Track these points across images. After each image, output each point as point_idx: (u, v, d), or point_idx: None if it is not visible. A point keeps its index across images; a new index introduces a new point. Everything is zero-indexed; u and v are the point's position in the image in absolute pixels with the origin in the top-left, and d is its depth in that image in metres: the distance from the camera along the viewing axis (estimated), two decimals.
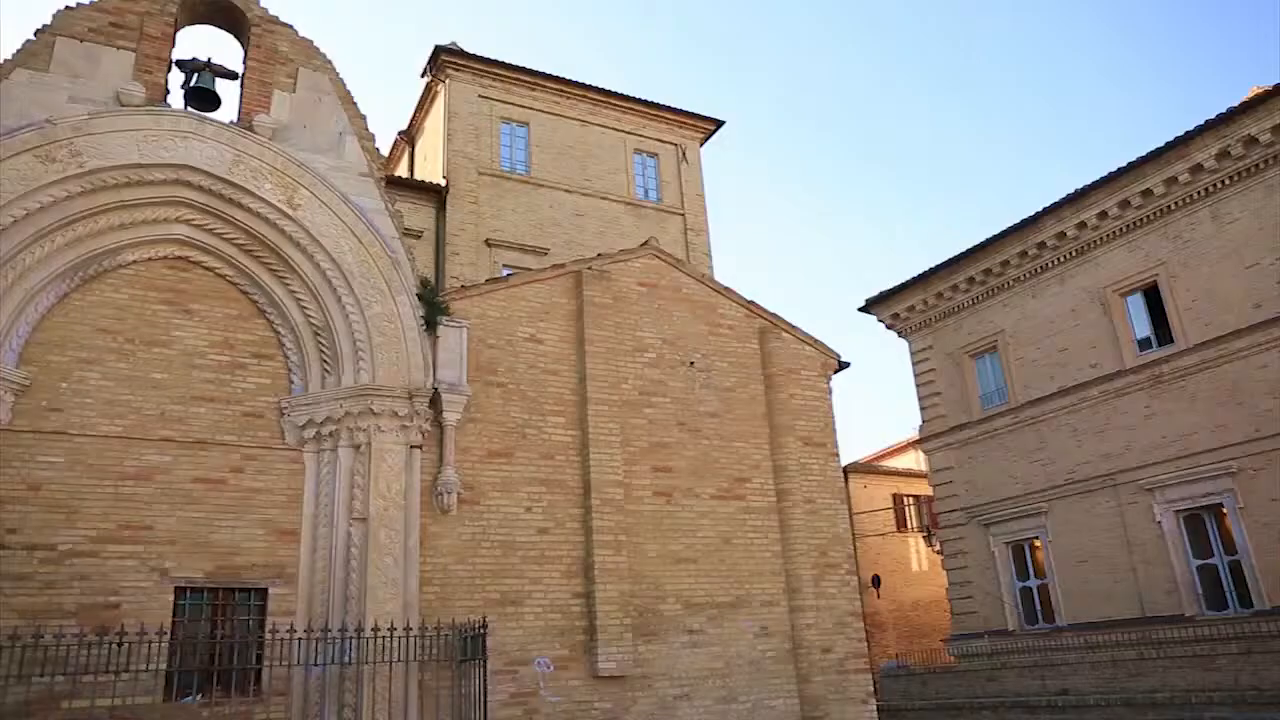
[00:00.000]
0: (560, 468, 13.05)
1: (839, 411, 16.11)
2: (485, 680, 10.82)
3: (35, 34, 11.66)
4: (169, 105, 12.23)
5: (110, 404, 11.24)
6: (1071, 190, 21.00)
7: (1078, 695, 18.70)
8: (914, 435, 28.86)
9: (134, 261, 11.91)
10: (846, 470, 25.13)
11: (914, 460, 34.72)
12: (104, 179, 11.33)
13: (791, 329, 15.77)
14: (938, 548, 27.04)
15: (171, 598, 10.84)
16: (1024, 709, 19.50)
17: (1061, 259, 21.82)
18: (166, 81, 12.36)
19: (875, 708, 14.18)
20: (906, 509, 33.69)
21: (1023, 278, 22.75)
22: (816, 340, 15.94)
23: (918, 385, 25.51)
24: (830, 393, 15.86)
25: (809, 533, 14.48)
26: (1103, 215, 20.68)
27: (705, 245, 24.71)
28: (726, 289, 15.62)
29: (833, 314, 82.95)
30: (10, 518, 10.35)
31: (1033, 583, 22.06)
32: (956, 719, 20.76)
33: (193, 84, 12.67)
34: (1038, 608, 21.81)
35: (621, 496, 13.13)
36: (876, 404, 79.75)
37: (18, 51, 11.47)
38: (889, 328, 26.40)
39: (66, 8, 11.95)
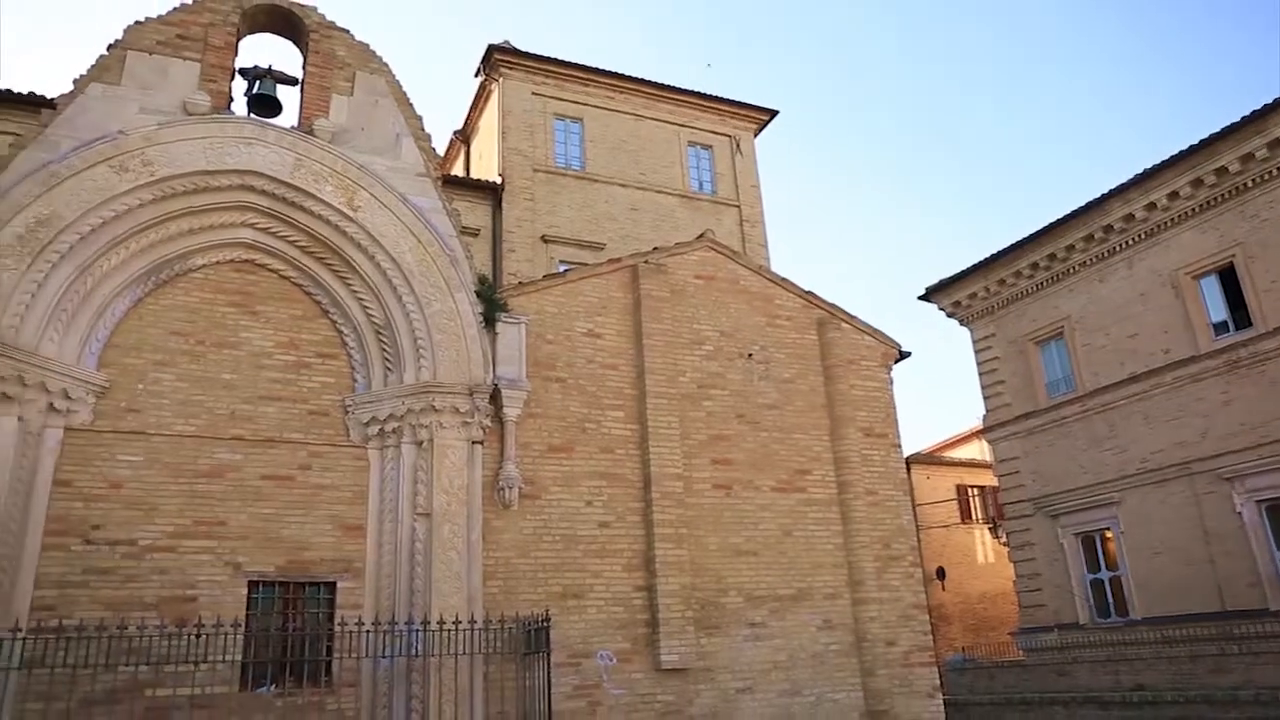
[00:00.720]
0: (620, 461, 13.09)
1: (900, 402, 15.86)
2: (549, 673, 10.91)
3: (108, 49, 12.05)
4: (233, 112, 12.54)
5: (184, 404, 11.60)
6: (1140, 170, 20.37)
7: (1154, 691, 18.15)
8: (977, 425, 28.34)
9: (203, 265, 12.26)
10: (909, 461, 24.70)
11: (978, 450, 34.08)
12: (173, 186, 11.68)
13: (850, 319, 15.58)
14: (1004, 539, 26.51)
15: (245, 591, 11.15)
16: (1097, 705, 19.00)
17: (1130, 242, 21.18)
18: (230, 89, 12.68)
19: (941, 702, 13.96)
20: (971, 500, 33.11)
21: (1089, 262, 22.14)
22: (876, 330, 15.72)
23: (980, 374, 25.02)
24: (891, 383, 15.63)
25: (871, 525, 14.30)
26: (1173, 195, 20.01)
27: (761, 236, 24.55)
28: (784, 280, 15.49)
29: (892, 303, 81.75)
30: (94, 514, 10.76)
31: (1104, 575, 21.51)
32: (1026, 715, 20.32)
33: (255, 91, 12.98)
34: (1110, 600, 21.26)
35: (681, 489, 13.13)
36: (938, 394, 78.42)
37: (92, 66, 11.87)
38: (950, 316, 25.93)
39: (136, 22, 12.33)
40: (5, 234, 10.59)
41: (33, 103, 17.25)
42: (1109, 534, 21.41)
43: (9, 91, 18.19)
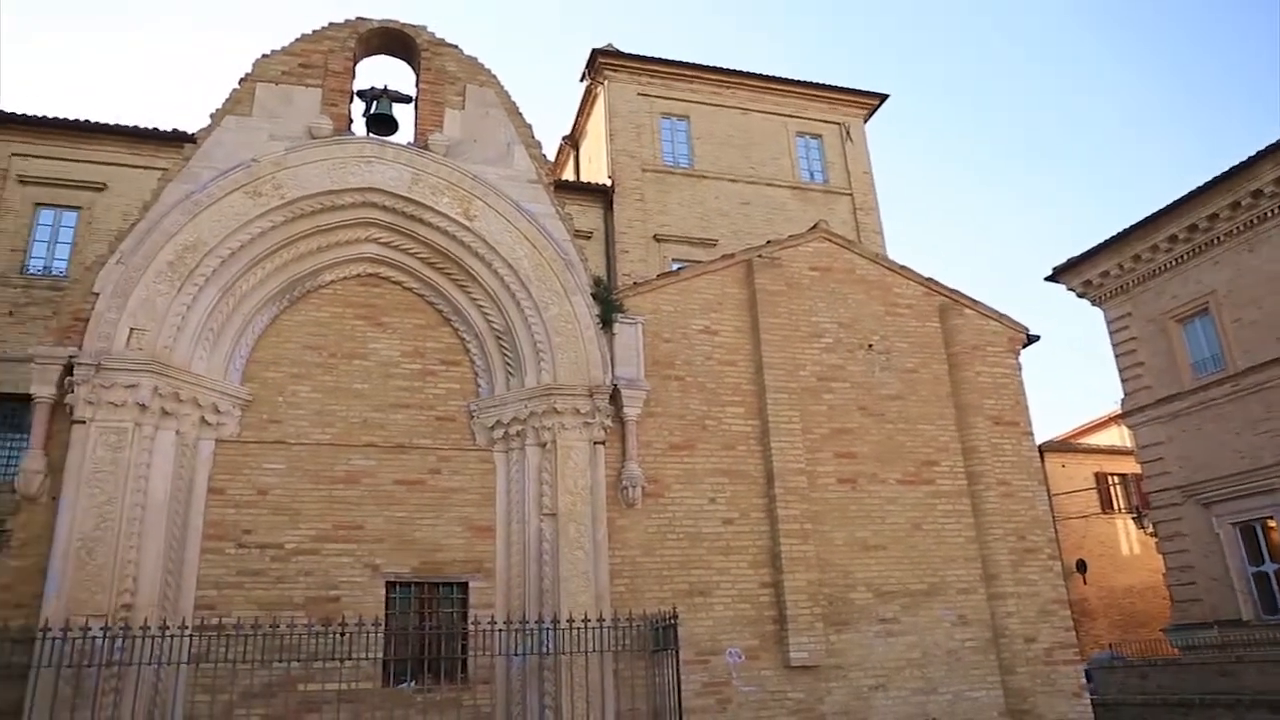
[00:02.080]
0: (742, 458, 13.01)
1: (1030, 388, 15.18)
2: (678, 670, 10.94)
3: (239, 82, 12.78)
4: (353, 133, 13.10)
5: (320, 414, 12.18)
6: None
7: None
8: (1115, 410, 26.84)
9: (332, 281, 12.85)
10: (1042, 449, 23.63)
11: (1117, 436, 32.32)
12: (302, 207, 12.29)
13: (973, 304, 15.03)
14: (1150, 530, 25.03)
15: (383, 591, 11.61)
16: (1268, 709, 17.63)
17: None
18: (350, 111, 13.26)
19: (1089, 702, 13.30)
20: (1112, 489, 31.43)
21: (1236, 231, 20.62)
22: (1001, 314, 15.11)
23: (1117, 356, 23.69)
24: (1019, 368, 15.00)
25: (1004, 516, 13.76)
26: None
27: (876, 224, 24.01)
28: (902, 267, 15.08)
29: (1017, 287, 78.48)
30: (245, 520, 11.44)
31: (1269, 567, 20.01)
32: (1186, 718, 19.09)
33: (372, 111, 13.51)
34: (1276, 595, 19.77)
35: (805, 484, 12.95)
36: (1071, 378, 74.83)
37: (226, 100, 12.62)
38: (1080, 296, 24.66)
39: (263, 55, 13.04)
40: (158, 261, 11.39)
41: (176, 138, 18.51)
42: (1272, 523, 19.90)
43: (157, 129, 19.59)
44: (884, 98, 25.44)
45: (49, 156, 19.21)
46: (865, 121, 25.60)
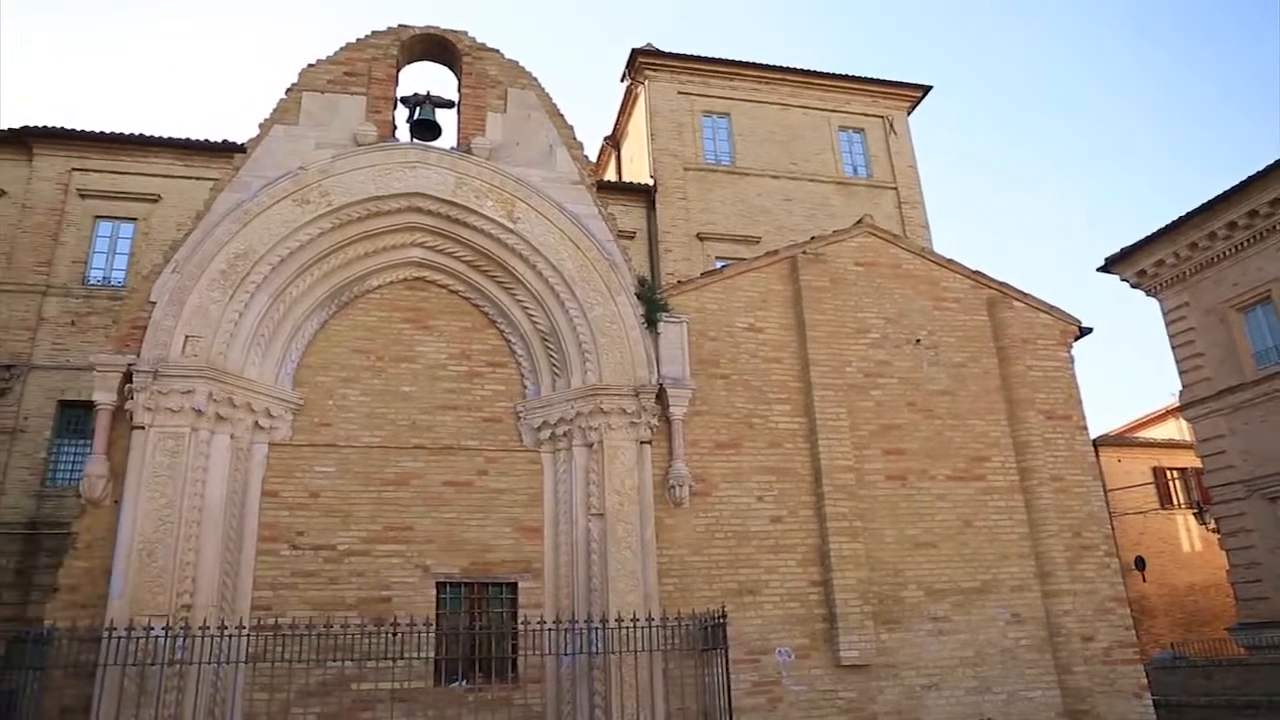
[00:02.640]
0: (789, 455, 12.93)
1: (1084, 381, 14.83)
2: (728, 669, 10.89)
3: (286, 92, 13.02)
4: (397, 139, 13.26)
5: (369, 417, 12.35)
6: None
7: None
8: (1173, 402, 26.19)
9: (379, 286, 13.02)
10: (1097, 444, 23.07)
11: (1175, 430, 31.53)
12: (348, 213, 12.47)
13: (1023, 296, 14.75)
14: (1212, 525, 24.34)
15: (433, 592, 11.74)
16: None
17: None
18: (393, 118, 13.43)
19: (1150, 702, 12.96)
20: (1171, 483, 30.63)
21: None
22: (1052, 306, 14.81)
23: (1174, 347, 23.10)
24: (1072, 361, 14.69)
25: (1059, 512, 13.48)
26: None
27: (921, 217, 23.71)
28: (948, 260, 14.86)
29: (1068, 279, 76.92)
30: (298, 522, 11.64)
31: None
32: (1254, 719, 18.52)
33: (416, 117, 13.66)
34: None
35: (853, 482, 12.82)
36: (1126, 371, 73.16)
37: (273, 110, 12.87)
38: (1135, 287, 24.09)
39: (309, 65, 13.26)
40: (211, 269, 11.64)
41: (226, 149, 18.95)
42: None
43: (208, 141, 20.07)
44: (927, 89, 25.11)
45: (106, 170, 19.82)
46: (909, 114, 25.29)
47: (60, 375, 18.05)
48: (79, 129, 19.68)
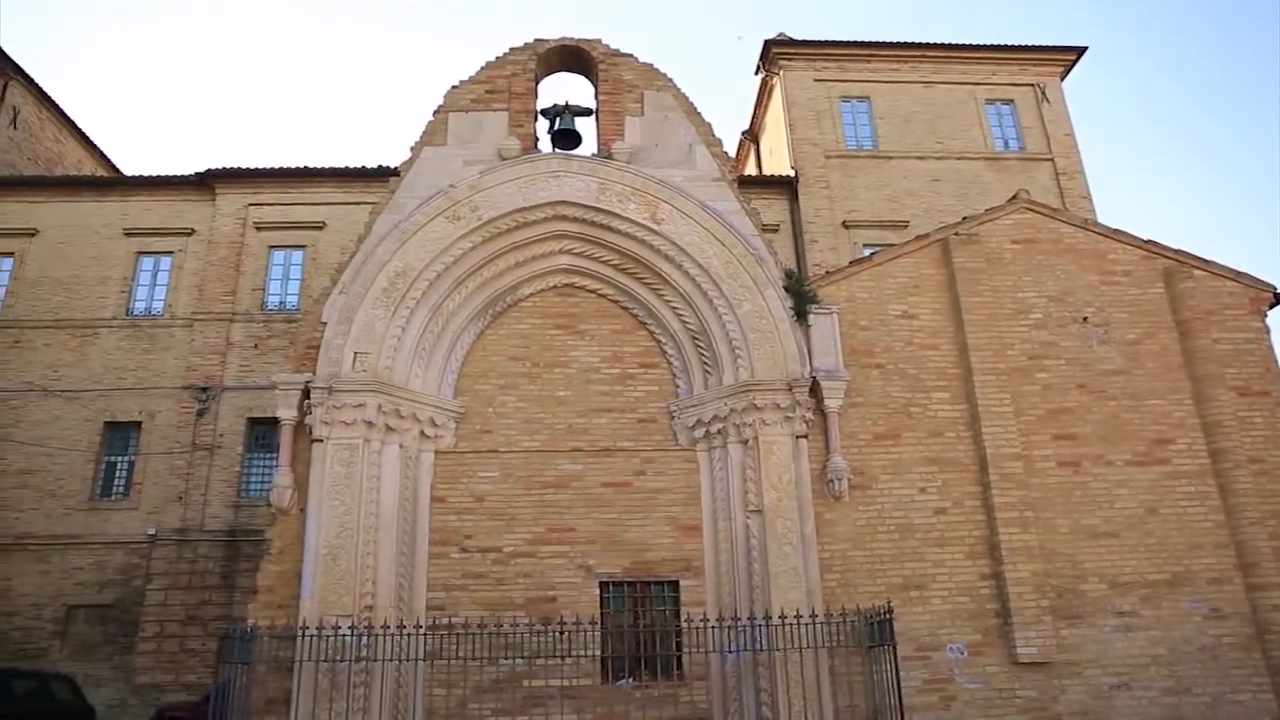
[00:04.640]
0: (951, 444, 12.45)
1: None
2: (897, 666, 10.60)
3: (433, 114, 13.62)
4: (539, 151, 13.63)
5: (527, 422, 12.74)
6: None
7: None
8: None
9: (530, 294, 13.42)
10: None
11: None
12: (497, 226, 12.91)
13: (1205, 264, 13.64)
14: None
15: (597, 591, 11.98)
16: None
17: None
18: (534, 130, 13.82)
19: None
20: None
21: None
22: (1239, 273, 13.62)
23: None
24: (1267, 331, 13.46)
25: (1260, 498, 12.37)
26: None
27: (1082, 188, 22.38)
28: (1115, 231, 13.92)
29: (1258, 243, 70.57)
30: (466, 526, 12.15)
31: None
32: None
33: (556, 127, 14.00)
34: None
35: (1021, 470, 12.22)
36: None
37: (423, 133, 13.48)
38: None
39: (453, 86, 13.82)
40: (374, 288, 12.32)
41: (382, 174, 20.08)
42: None
43: (364, 168, 21.29)
44: (1081, 51, 23.67)
45: (276, 203, 21.38)
46: (1062, 80, 23.92)
47: (247, 394, 19.59)
48: (252, 167, 21.34)
